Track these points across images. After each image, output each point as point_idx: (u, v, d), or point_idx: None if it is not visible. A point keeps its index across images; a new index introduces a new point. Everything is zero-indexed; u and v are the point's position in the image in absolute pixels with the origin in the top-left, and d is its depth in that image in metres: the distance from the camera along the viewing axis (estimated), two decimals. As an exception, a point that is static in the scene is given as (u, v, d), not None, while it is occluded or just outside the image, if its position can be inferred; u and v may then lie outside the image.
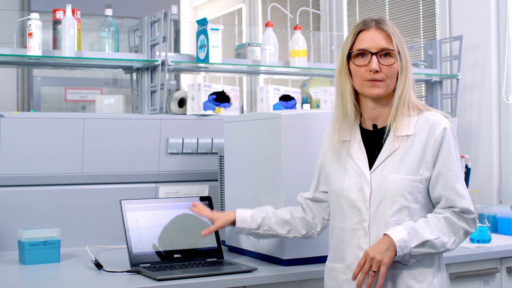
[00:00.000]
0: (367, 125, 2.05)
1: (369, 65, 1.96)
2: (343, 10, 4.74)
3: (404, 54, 1.98)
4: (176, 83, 5.54)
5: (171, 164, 2.98)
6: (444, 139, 1.95)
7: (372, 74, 1.96)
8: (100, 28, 2.97)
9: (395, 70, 1.97)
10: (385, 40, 1.97)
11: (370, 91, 1.97)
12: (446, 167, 1.94)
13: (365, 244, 1.97)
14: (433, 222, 1.92)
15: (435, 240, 1.90)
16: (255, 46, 3.34)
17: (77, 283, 2.21)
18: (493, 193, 3.50)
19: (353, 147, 2.04)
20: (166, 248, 2.42)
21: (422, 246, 1.90)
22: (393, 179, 1.94)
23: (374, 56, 1.96)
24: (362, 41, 1.98)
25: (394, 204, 1.93)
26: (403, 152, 1.96)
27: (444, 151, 1.95)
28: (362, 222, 1.98)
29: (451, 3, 3.75)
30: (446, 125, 1.96)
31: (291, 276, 2.29)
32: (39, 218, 2.73)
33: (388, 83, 1.97)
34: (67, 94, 5.12)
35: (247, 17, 5.98)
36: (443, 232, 1.92)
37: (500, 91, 3.53)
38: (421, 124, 1.97)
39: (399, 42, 1.99)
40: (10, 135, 2.66)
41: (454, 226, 1.94)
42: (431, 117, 1.98)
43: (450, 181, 1.94)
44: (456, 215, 1.95)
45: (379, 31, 1.98)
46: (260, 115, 2.55)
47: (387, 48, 1.97)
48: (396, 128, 1.96)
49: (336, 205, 2.06)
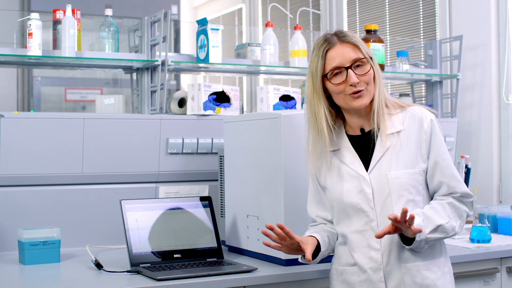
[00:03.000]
0: (354, 131, 2.08)
1: (347, 80, 1.97)
2: (343, 10, 4.74)
3: (372, 58, 2.02)
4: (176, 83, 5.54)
5: (171, 164, 2.98)
6: (433, 130, 2.01)
7: (353, 87, 1.98)
8: (100, 28, 2.97)
9: (371, 76, 2.00)
10: (354, 51, 1.99)
11: (356, 104, 1.99)
12: (441, 156, 2.01)
13: (377, 244, 1.99)
14: (440, 208, 1.98)
15: (446, 224, 1.96)
16: (255, 46, 3.34)
17: (77, 283, 2.21)
18: (493, 193, 3.51)
19: (343, 153, 2.06)
20: (166, 248, 2.42)
21: (436, 231, 1.95)
22: (394, 175, 1.97)
23: (350, 70, 1.98)
24: (333, 60, 1.99)
25: (400, 199, 1.97)
26: (397, 149, 2.00)
27: (436, 141, 2.01)
28: (369, 223, 2.00)
29: (451, 3, 3.75)
30: (431, 116, 2.04)
31: (291, 276, 2.29)
32: (39, 218, 2.73)
33: (369, 89, 2.00)
34: (67, 94, 5.12)
35: (247, 17, 5.98)
36: (450, 217, 1.98)
37: (500, 91, 3.53)
38: (408, 119, 2.02)
39: (366, 48, 2.01)
40: (10, 135, 2.66)
41: (458, 210, 2.01)
42: (416, 112, 2.03)
43: (448, 168, 2.01)
44: (457, 199, 2.02)
45: (344, 44, 2.00)
46: (260, 115, 2.55)
47: (359, 58, 1.99)
48: (384, 127, 2.00)
49: (340, 211, 2.07)
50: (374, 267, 2.00)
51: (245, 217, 2.58)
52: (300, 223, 2.30)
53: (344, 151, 2.06)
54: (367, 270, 2.01)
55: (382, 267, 1.99)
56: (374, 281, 2.00)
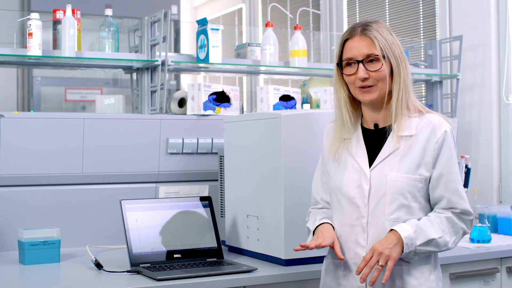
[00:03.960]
0: (368, 125, 2.07)
1: (357, 74, 1.99)
2: (343, 10, 4.74)
3: (392, 56, 1.98)
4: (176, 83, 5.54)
5: (171, 164, 2.98)
6: (445, 142, 1.98)
7: (361, 82, 1.98)
8: (100, 28, 2.97)
9: (383, 74, 1.98)
10: (369, 46, 1.98)
11: (363, 98, 2.01)
12: (448, 169, 1.97)
13: (363, 241, 1.99)
14: (436, 221, 1.96)
15: (439, 239, 1.94)
16: (255, 46, 3.34)
17: (77, 283, 2.21)
18: (493, 193, 3.50)
19: (353, 145, 2.06)
20: (166, 248, 2.42)
21: (427, 245, 1.93)
22: (394, 177, 1.96)
23: (361, 64, 1.98)
24: (349, 50, 2.01)
25: (394, 202, 1.96)
26: (404, 152, 1.98)
27: (446, 153, 1.97)
28: (360, 219, 1.99)
29: (451, 3, 3.75)
30: (447, 128, 2.00)
31: (291, 276, 2.29)
32: (39, 218, 2.73)
33: (380, 86, 1.99)
34: (67, 94, 5.12)
35: (247, 17, 5.98)
36: (445, 232, 1.95)
37: (500, 91, 3.53)
38: (423, 125, 1.99)
39: (384, 45, 1.98)
40: (10, 135, 2.66)
41: (455, 226, 1.98)
42: (433, 119, 2.00)
43: (452, 183, 1.97)
44: (456, 215, 1.98)
45: (363, 38, 1.99)
46: (260, 115, 2.55)
47: (372, 54, 1.98)
48: (398, 128, 1.99)
49: (335, 201, 2.07)
50: (357, 263, 1.99)
51: (245, 217, 2.58)
52: (300, 223, 2.30)
53: (354, 143, 2.06)
54: (351, 265, 2.01)
55: None
56: (356, 277, 1.99)
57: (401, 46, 2.02)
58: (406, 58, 2.02)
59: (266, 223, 2.45)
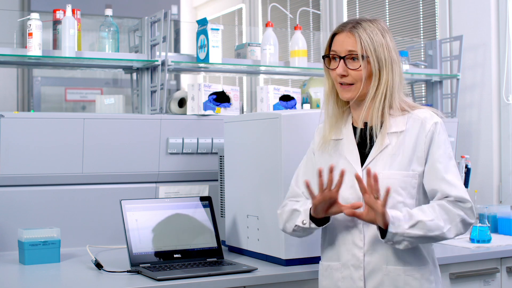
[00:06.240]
0: (358, 124, 2.06)
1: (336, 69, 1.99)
2: (343, 10, 4.74)
3: (374, 58, 1.96)
4: (176, 83, 5.54)
5: (171, 164, 2.98)
6: (434, 133, 1.97)
7: (340, 78, 1.99)
8: (100, 28, 2.97)
9: (361, 74, 1.97)
10: (353, 44, 1.97)
11: (342, 95, 2.02)
12: (436, 159, 1.96)
13: (360, 241, 1.98)
14: (427, 208, 1.93)
15: (429, 222, 1.88)
16: (255, 46, 3.34)
17: (77, 283, 2.21)
18: (493, 193, 3.50)
19: (344, 145, 2.05)
20: (166, 248, 2.42)
21: (417, 228, 1.87)
22: (386, 175, 1.95)
23: (342, 61, 1.98)
24: (334, 45, 2.02)
25: (389, 200, 1.92)
26: (395, 149, 1.97)
27: (434, 144, 1.97)
28: (355, 220, 1.98)
29: (451, 3, 3.75)
30: (437, 120, 1.99)
31: (291, 276, 2.29)
32: (39, 218, 2.73)
33: (359, 86, 1.98)
34: (67, 94, 5.12)
35: (247, 17, 5.98)
36: (437, 217, 1.90)
37: (500, 91, 3.53)
38: (412, 121, 1.99)
39: (367, 46, 1.96)
40: (10, 135, 2.66)
41: (449, 213, 1.92)
42: (421, 114, 2.00)
43: (440, 172, 1.95)
44: (451, 203, 1.94)
45: (349, 35, 1.99)
46: (260, 115, 2.55)
47: (353, 52, 1.97)
48: (385, 126, 1.98)
49: None
50: (355, 264, 1.99)
51: (245, 217, 2.58)
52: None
53: (345, 142, 2.05)
54: (350, 267, 2.00)
55: (363, 265, 1.98)
56: (354, 279, 1.99)
57: (392, 49, 1.99)
58: (396, 61, 1.99)
59: (266, 223, 2.45)
